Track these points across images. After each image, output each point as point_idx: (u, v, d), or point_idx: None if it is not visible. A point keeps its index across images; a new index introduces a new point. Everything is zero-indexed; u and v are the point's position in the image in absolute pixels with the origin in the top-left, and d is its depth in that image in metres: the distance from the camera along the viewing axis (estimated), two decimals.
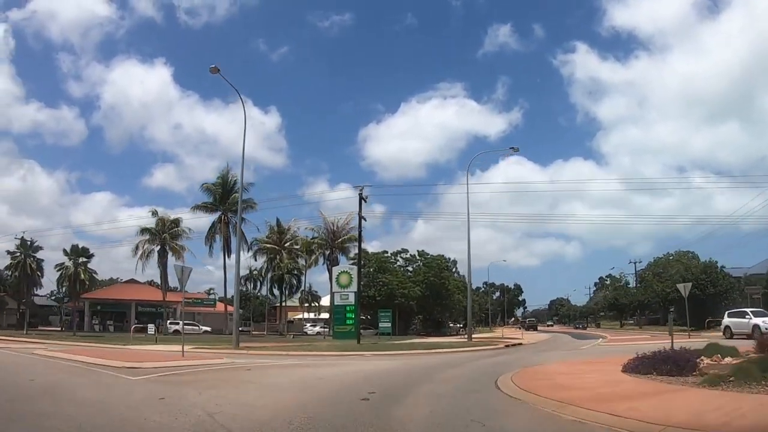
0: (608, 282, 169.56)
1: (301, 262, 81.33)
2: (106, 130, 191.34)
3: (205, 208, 73.78)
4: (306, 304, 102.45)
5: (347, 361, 27.33)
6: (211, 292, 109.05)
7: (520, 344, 45.33)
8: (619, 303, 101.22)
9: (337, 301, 59.37)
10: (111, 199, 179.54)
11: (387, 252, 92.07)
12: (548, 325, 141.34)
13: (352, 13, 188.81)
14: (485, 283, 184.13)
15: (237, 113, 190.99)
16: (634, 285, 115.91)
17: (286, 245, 77.07)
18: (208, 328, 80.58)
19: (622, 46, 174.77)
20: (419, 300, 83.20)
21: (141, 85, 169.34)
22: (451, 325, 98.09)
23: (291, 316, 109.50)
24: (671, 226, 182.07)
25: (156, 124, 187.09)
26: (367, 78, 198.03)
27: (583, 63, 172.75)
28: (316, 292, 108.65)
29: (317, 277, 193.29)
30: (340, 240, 73.93)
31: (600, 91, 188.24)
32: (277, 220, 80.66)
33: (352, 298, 58.92)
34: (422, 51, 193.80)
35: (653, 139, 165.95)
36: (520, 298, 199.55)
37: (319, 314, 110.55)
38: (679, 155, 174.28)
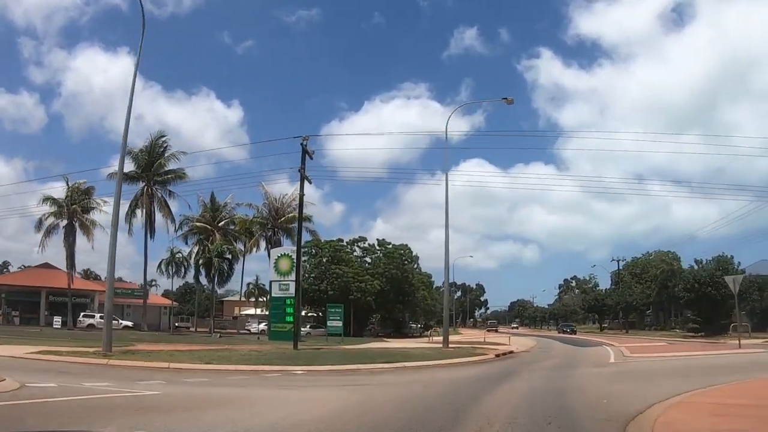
0: (573, 284, 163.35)
1: (242, 246, 68.16)
2: (66, 118, 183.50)
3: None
4: (252, 299, 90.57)
5: (259, 391, 14.94)
6: (153, 283, 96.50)
7: (512, 353, 33.53)
8: (599, 305, 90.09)
9: (276, 292, 47.27)
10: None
11: (343, 240, 79.54)
12: (512, 327, 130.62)
13: (319, 8, 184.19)
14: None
15: (200, 105, 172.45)
16: (610, 286, 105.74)
17: (220, 225, 63.83)
18: (129, 323, 66.89)
19: (586, 53, 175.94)
20: (378, 295, 71.17)
21: (104, 74, 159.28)
22: (413, 325, 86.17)
23: (238, 311, 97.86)
24: (628, 233, 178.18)
25: (117, 113, 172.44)
26: (332, 75, 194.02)
27: (547, 69, 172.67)
28: (263, 285, 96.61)
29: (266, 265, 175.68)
30: (283, 218, 60.98)
31: (562, 98, 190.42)
32: (212, 195, 67.42)
33: (292, 289, 46.60)
34: (388, 50, 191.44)
35: (614, 147, 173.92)
36: (482, 299, 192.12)
37: (266, 310, 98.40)
38: (638, 163, 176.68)
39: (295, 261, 47.23)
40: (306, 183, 36.49)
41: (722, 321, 50.89)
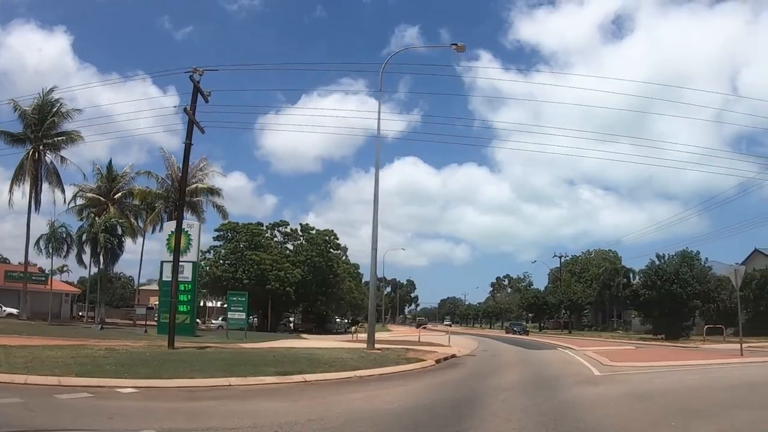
0: (506, 282, 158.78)
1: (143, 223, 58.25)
2: None
3: (10, 137, 49.76)
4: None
5: None
6: (65, 268, 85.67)
7: (455, 357, 25.86)
8: (539, 303, 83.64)
9: (168, 276, 38.25)
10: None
11: (262, 224, 70.67)
12: (446, 325, 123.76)
13: None
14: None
15: (135, 89, 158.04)
16: (547, 284, 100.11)
17: (116, 197, 53.98)
18: (14, 310, 55.92)
19: (525, 59, 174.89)
20: (299, 285, 62.86)
21: (38, 53, 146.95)
22: (339, 320, 77.89)
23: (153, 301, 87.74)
24: (557, 236, 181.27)
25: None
26: (271, 66, 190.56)
27: (486, 72, 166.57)
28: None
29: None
30: (189, 189, 51.65)
31: (499, 101, 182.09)
32: (109, 163, 57.27)
33: (188, 272, 37.95)
34: (328, 44, 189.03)
35: (546, 151, 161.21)
36: (413, 295, 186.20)
37: None
38: (570, 169, 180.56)
39: (191, 237, 38.67)
40: (199, 133, 27.66)
41: (685, 322, 44.83)
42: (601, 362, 23.07)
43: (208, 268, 63.25)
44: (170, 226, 40.15)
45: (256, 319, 66.70)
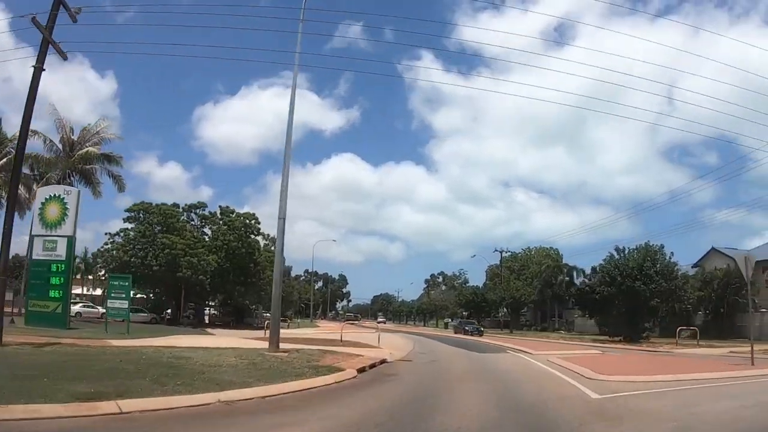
0: (441, 279, 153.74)
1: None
2: None
3: None
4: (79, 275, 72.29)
5: None
6: None
7: (384, 363, 19.46)
8: (478, 300, 77.72)
9: (38, 253, 30.82)
10: None
11: (178, 206, 62.62)
12: (379, 321, 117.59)
13: None
14: (307, 271, 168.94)
15: (72, 73, 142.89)
16: (485, 282, 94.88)
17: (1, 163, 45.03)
18: None
19: (466, 61, 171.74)
20: (215, 274, 55.32)
21: None
22: (267, 314, 70.21)
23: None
24: (491, 236, 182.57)
25: None
26: (212, 56, 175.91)
27: (427, 71, 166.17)
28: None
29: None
30: (76, 156, 43.45)
31: (439, 101, 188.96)
32: None
33: (62, 249, 30.39)
34: (271, 36, 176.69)
35: (483, 153, 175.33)
36: (345, 290, 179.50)
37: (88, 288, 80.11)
38: (506, 171, 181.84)
39: (68, 207, 30.99)
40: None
41: (645, 323, 39.60)
42: (583, 374, 16.87)
43: (115, 252, 55.21)
44: (43, 193, 32.39)
45: (169, 311, 59.33)
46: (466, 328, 54.72)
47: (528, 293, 71.71)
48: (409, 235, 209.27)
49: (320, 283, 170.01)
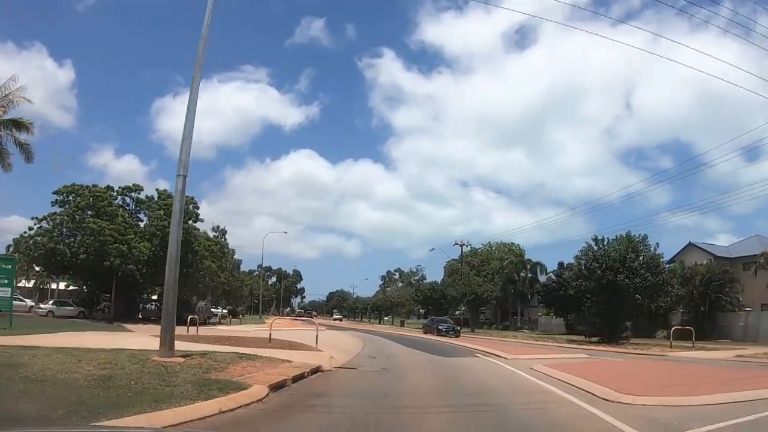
0: (397, 276, 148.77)
1: None
2: None
3: None
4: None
5: None
6: None
7: (319, 371, 14.36)
8: (436, 296, 72.41)
9: None
10: None
11: (112, 188, 56.11)
12: (335, 319, 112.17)
13: None
14: (260, 266, 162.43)
15: (31, 62, 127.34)
16: (443, 277, 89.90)
17: None
18: None
19: (427, 60, 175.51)
20: (148, 264, 49.06)
21: None
22: (217, 310, 64.24)
23: None
24: (448, 234, 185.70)
25: None
26: (172, 48, 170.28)
27: (388, 70, 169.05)
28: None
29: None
30: None
31: (399, 100, 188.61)
32: None
33: None
34: (233, 29, 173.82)
35: (442, 153, 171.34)
36: (299, 286, 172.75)
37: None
38: (465, 171, 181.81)
39: None
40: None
41: (626, 321, 34.99)
42: (595, 393, 11.82)
43: (39, 238, 48.78)
44: None
45: (104, 305, 52.88)
46: (440, 327, 45.75)
47: (490, 290, 66.91)
48: (366, 233, 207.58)
49: (274, 279, 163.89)
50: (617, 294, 33.56)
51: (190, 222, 51.18)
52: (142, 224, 53.93)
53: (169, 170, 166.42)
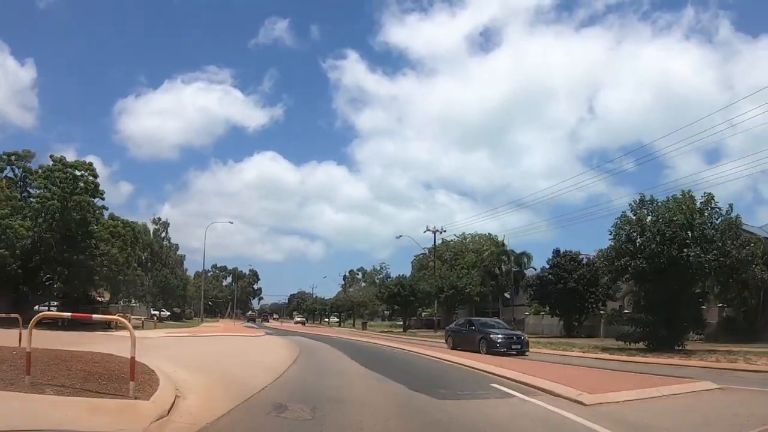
0: (360, 275, 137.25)
1: None
2: None
3: None
4: None
5: None
6: None
7: None
8: (405, 294, 59.75)
9: None
10: None
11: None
12: (297, 322, 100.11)
13: None
14: (215, 266, 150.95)
15: None
16: (411, 272, 77.97)
17: None
18: None
19: (392, 62, 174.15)
20: (32, 250, 36.57)
21: None
22: (119, 305, 51.05)
23: None
24: (413, 236, 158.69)
25: None
26: (135, 47, 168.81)
27: (352, 71, 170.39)
28: None
29: None
30: None
31: (363, 101, 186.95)
32: None
33: None
34: (196, 30, 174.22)
35: (406, 154, 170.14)
36: (256, 287, 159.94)
37: None
38: (428, 172, 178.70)
39: None
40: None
41: (694, 319, 23.49)
42: None
43: None
44: None
45: None
46: (493, 337, 23.57)
47: (472, 283, 54.82)
48: (330, 234, 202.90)
49: (229, 279, 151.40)
50: (681, 277, 21.94)
51: (82, 195, 37.99)
52: (32, 201, 41.06)
53: (130, 172, 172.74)
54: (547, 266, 46.84)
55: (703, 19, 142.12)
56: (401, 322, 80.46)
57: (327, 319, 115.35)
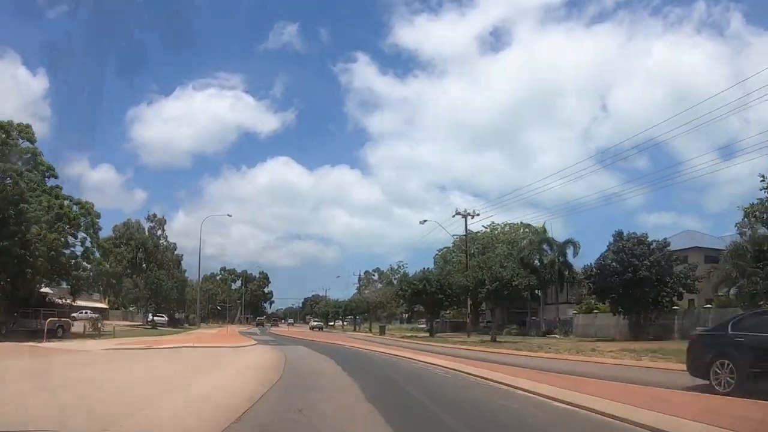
0: (376, 276, 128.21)
1: None
2: None
3: None
4: None
5: None
6: None
7: None
8: (433, 291, 49.29)
9: None
10: None
11: None
12: (313, 327, 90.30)
13: None
14: (224, 269, 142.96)
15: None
16: (433, 267, 68.11)
17: None
18: None
19: (402, 64, 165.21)
20: None
21: None
22: (62, 301, 41.32)
23: None
24: (427, 239, 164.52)
25: None
26: (145, 55, 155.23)
27: (362, 74, 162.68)
28: None
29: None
30: None
31: (374, 104, 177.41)
32: None
33: None
34: (206, 36, 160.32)
35: (419, 157, 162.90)
36: (266, 290, 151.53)
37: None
38: (441, 174, 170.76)
39: None
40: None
41: None
42: None
43: None
44: None
45: None
46: None
47: (521, 274, 44.47)
48: (344, 238, 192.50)
49: (238, 282, 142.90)
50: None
51: (14, 164, 28.83)
52: None
53: (144, 179, 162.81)
54: (608, 252, 37.37)
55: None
56: (423, 325, 71.06)
57: (340, 323, 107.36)
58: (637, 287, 34.24)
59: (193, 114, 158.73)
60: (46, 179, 33.29)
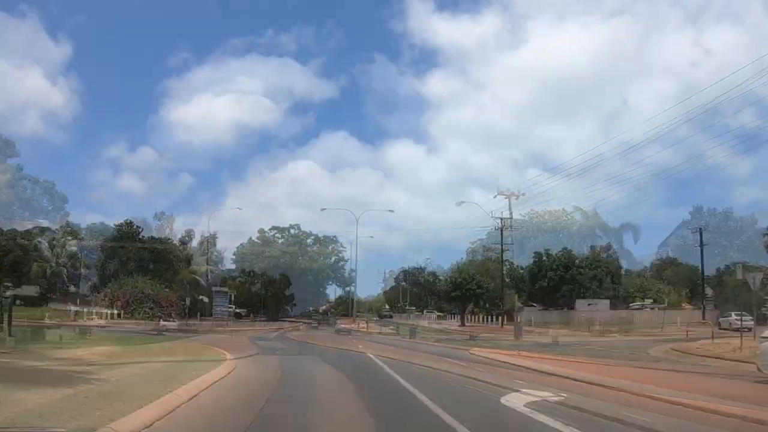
0: (401, 275, 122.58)
1: None
2: None
3: None
4: None
5: None
6: None
7: None
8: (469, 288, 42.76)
9: None
10: None
11: None
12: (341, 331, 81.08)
13: None
14: (243, 271, 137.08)
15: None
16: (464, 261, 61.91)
17: None
18: None
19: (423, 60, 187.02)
20: None
21: None
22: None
23: None
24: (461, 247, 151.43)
25: None
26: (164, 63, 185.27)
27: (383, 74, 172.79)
28: None
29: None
30: None
31: (392, 105, 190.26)
32: None
33: None
34: (224, 41, 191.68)
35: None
36: (287, 293, 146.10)
37: None
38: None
39: None
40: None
41: None
42: None
43: None
44: None
45: None
46: None
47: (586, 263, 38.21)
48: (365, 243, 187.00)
49: (258, 284, 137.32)
50: None
51: None
52: None
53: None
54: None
55: None
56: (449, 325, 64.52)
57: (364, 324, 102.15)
58: None
59: (212, 118, 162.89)
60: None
